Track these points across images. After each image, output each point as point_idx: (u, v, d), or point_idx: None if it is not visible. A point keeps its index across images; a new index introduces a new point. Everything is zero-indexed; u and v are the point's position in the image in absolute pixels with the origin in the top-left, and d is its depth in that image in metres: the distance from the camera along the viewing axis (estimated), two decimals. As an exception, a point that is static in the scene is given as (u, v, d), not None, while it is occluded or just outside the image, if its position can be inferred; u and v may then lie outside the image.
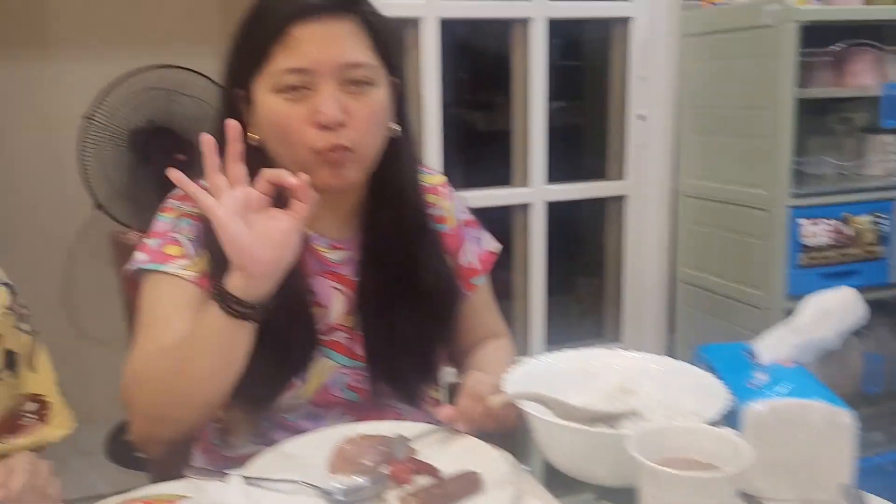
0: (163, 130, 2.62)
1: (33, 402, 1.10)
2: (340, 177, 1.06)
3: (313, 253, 1.15)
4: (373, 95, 1.06)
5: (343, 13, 1.04)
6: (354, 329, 1.15)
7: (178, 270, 1.07)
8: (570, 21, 2.43)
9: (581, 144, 3.13)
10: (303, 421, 1.15)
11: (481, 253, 1.28)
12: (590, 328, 2.86)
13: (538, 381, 1.02)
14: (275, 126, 1.05)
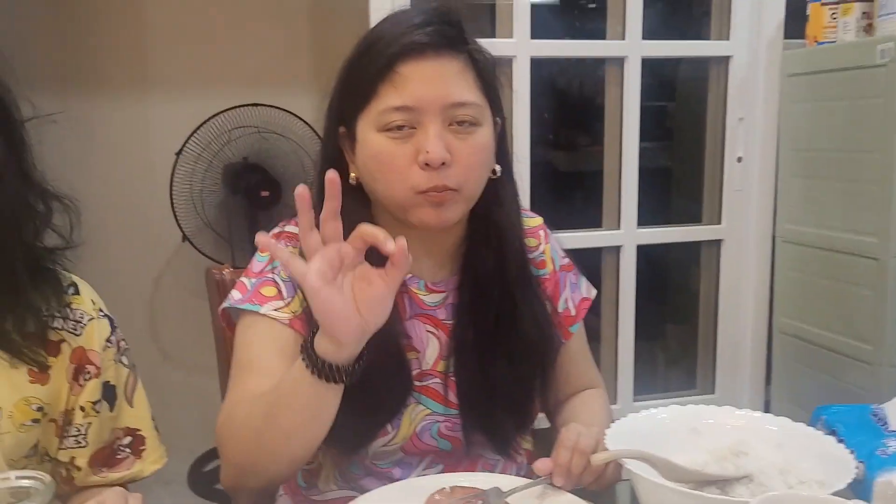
0: (252, 167, 2.68)
1: (129, 435, 1.11)
2: (441, 216, 1.04)
3: (408, 295, 1.12)
4: (478, 136, 1.04)
5: (450, 51, 1.02)
6: (448, 375, 1.12)
7: (273, 312, 1.06)
8: (663, 60, 2.38)
9: (672, 186, 3.05)
10: (393, 468, 1.12)
11: (578, 299, 1.24)
12: (679, 377, 2.75)
13: (641, 437, 0.97)
14: (378, 165, 1.03)
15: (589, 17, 3.92)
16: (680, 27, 2.91)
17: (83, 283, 1.10)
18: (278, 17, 2.89)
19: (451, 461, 1.13)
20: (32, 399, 1.01)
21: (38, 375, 1.01)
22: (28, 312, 1.00)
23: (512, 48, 2.06)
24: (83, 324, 1.06)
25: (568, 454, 0.96)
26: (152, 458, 1.12)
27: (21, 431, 0.99)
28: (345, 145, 1.09)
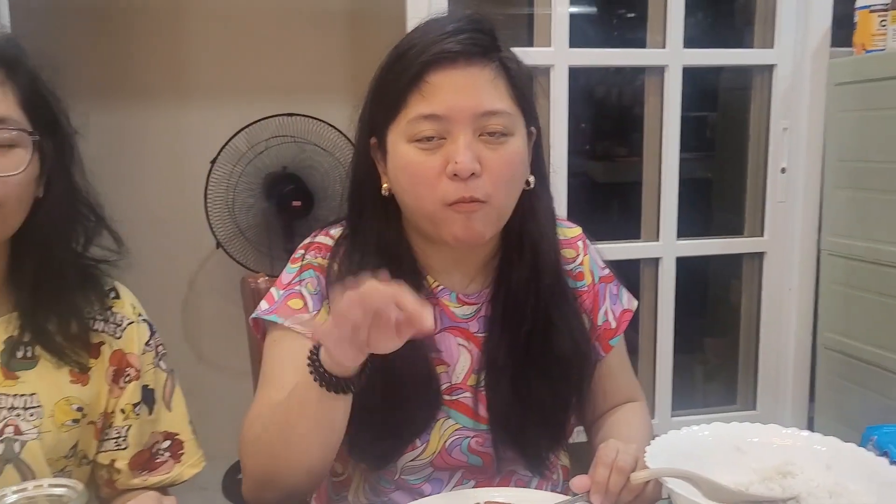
0: (289, 177, 2.69)
1: (168, 439, 1.12)
2: (471, 230, 1.01)
3: (439, 307, 1.10)
4: (509, 146, 1.01)
5: (482, 59, 1.00)
6: (479, 389, 1.09)
7: (297, 326, 1.05)
8: (704, 69, 2.34)
9: (713, 197, 3.00)
10: (423, 484, 1.10)
11: (619, 311, 1.20)
12: (719, 393, 2.70)
13: (682, 455, 0.94)
14: (407, 176, 1.01)
15: (626, 26, 3.89)
16: (721, 35, 2.87)
17: (124, 288, 1.12)
18: (316, 27, 2.91)
19: (482, 477, 1.11)
20: (73, 399, 1.03)
21: (78, 376, 1.04)
22: (72, 315, 1.03)
23: (550, 57, 2.04)
24: (123, 327, 1.08)
25: (606, 471, 0.93)
26: (191, 461, 1.13)
27: (62, 431, 1.02)
28: (376, 156, 1.07)
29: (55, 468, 1.03)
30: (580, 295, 1.16)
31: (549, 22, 2.07)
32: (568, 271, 1.16)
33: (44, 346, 1.02)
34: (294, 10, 2.89)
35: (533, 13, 2.25)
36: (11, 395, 1.00)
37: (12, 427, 0.98)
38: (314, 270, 1.09)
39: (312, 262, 1.10)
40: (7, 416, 0.99)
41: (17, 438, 0.98)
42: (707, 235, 2.40)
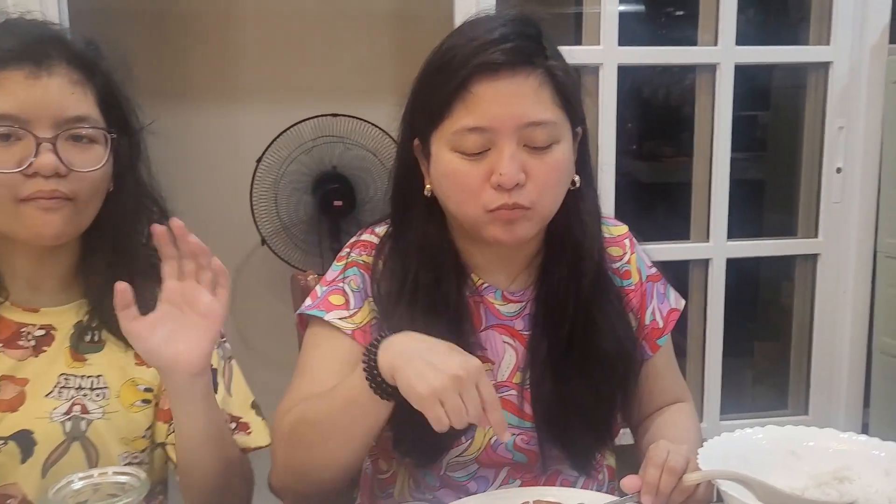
0: (335, 176, 2.72)
1: (233, 421, 1.15)
2: (512, 233, 1.01)
3: (485, 305, 1.11)
4: (555, 153, 1.01)
5: (526, 68, 0.99)
6: (524, 387, 1.09)
7: (337, 321, 1.07)
8: (756, 66, 2.29)
9: (764, 198, 2.94)
10: (469, 481, 1.10)
11: (666, 310, 1.19)
12: (769, 397, 2.64)
13: (735, 457, 0.93)
14: (450, 183, 1.02)
15: (674, 23, 3.84)
16: (775, 32, 2.81)
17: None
18: (362, 28, 2.93)
19: (528, 475, 1.11)
20: (139, 380, 1.08)
21: (142, 359, 1.06)
22: (138, 301, 1.05)
23: (599, 56, 2.02)
24: None
25: (657, 472, 0.92)
26: (259, 435, 1.15)
27: (131, 411, 1.07)
28: (420, 157, 1.08)
29: (133, 448, 1.08)
30: (626, 293, 1.15)
31: (598, 20, 2.04)
32: (614, 269, 1.15)
33: (110, 330, 1.07)
34: (341, 12, 2.92)
35: (580, 11, 2.23)
36: (79, 377, 1.05)
37: (79, 406, 1.04)
38: (358, 268, 1.10)
39: (357, 259, 1.11)
40: (75, 396, 1.04)
41: (83, 417, 1.04)
42: (758, 236, 2.35)
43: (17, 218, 0.98)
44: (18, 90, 0.97)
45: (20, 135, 0.97)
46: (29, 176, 0.97)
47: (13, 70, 0.97)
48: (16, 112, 0.96)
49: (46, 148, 0.97)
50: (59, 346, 1.06)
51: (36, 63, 0.98)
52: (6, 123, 0.96)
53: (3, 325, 1.04)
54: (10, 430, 1.00)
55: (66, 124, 0.99)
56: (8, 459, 1.00)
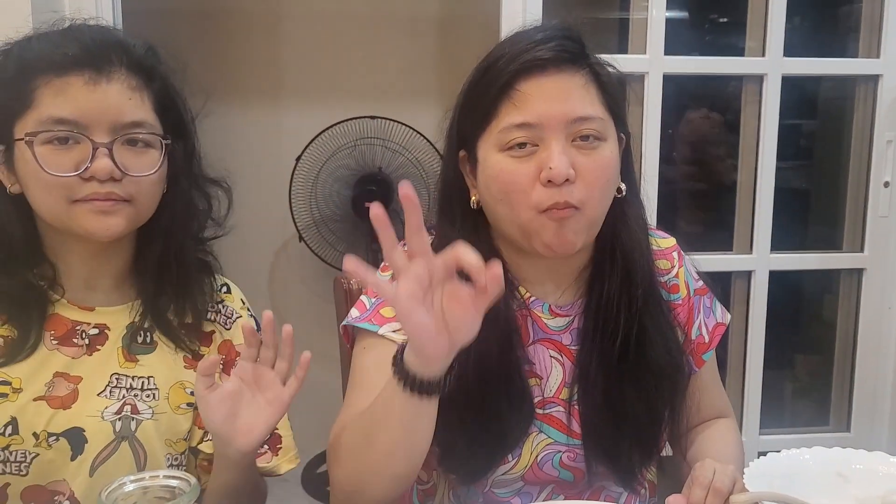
0: (375, 177, 2.74)
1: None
2: (563, 238, 1.00)
3: (532, 318, 1.09)
4: (603, 151, 1.01)
5: (572, 66, 1.00)
6: (572, 403, 1.08)
7: (391, 334, 1.06)
8: (803, 77, 2.25)
9: (809, 210, 2.90)
10: (513, 497, 1.10)
11: (712, 325, 1.18)
12: (809, 411, 2.60)
13: (782, 478, 0.92)
14: (500, 185, 1.01)
15: (719, 31, 3.79)
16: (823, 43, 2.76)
17: (234, 284, 1.20)
18: (407, 32, 2.95)
19: (572, 492, 1.10)
20: (187, 383, 1.10)
21: (191, 362, 1.11)
22: (189, 303, 1.11)
23: (644, 65, 2.01)
24: (233, 319, 1.16)
25: (703, 493, 0.91)
26: (288, 456, 1.18)
27: (177, 413, 1.09)
28: (465, 169, 1.08)
29: (176, 450, 1.10)
30: (674, 308, 1.14)
31: (643, 28, 2.03)
32: (662, 283, 1.13)
33: (162, 332, 1.10)
34: (386, 15, 2.94)
35: (627, 18, 2.22)
36: (130, 377, 1.07)
37: (130, 406, 1.06)
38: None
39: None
40: (126, 396, 1.06)
41: (133, 417, 1.05)
42: (802, 249, 2.31)
43: (71, 218, 1.01)
44: (79, 96, 0.99)
45: (78, 139, 0.99)
46: (85, 179, 0.99)
47: (74, 75, 0.99)
48: (75, 117, 0.99)
49: (103, 153, 0.99)
50: (112, 345, 1.08)
51: (96, 69, 1.00)
52: (65, 128, 0.99)
53: (59, 323, 1.07)
54: (62, 426, 1.03)
55: (123, 129, 1.01)
56: (58, 456, 1.02)
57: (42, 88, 0.99)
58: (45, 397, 1.03)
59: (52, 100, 0.99)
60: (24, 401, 1.02)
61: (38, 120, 0.99)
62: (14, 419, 1.01)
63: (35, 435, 1.02)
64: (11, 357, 1.03)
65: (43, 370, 1.04)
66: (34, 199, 1.02)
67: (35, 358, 1.04)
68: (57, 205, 1.00)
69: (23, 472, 1.02)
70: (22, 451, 1.02)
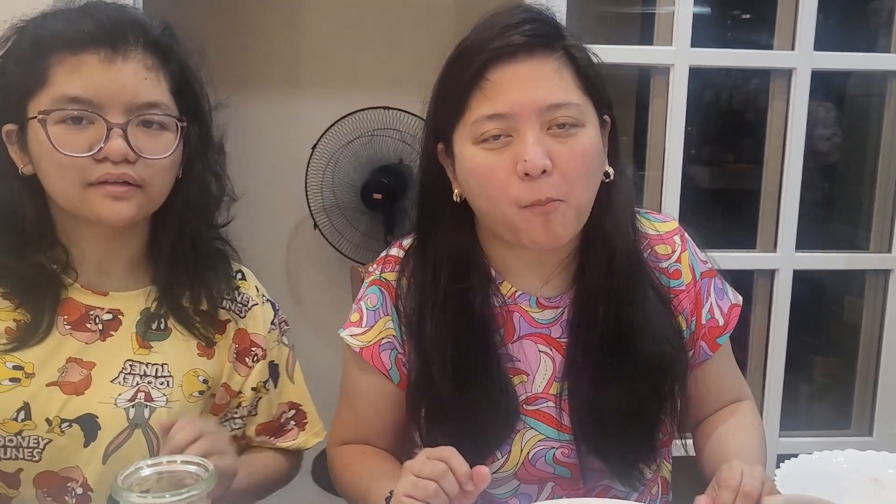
0: (387, 168, 2.72)
1: (292, 409, 1.19)
2: (551, 233, 0.96)
3: (518, 313, 1.06)
4: (581, 137, 0.96)
5: (545, 51, 0.96)
6: (562, 397, 1.05)
7: (349, 337, 1.10)
8: (830, 72, 2.21)
9: (834, 209, 2.85)
10: (510, 497, 1.07)
11: (727, 306, 1.12)
12: (828, 414, 2.57)
13: (815, 481, 0.89)
14: (476, 179, 0.98)
15: (741, 27, 3.75)
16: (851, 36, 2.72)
17: (248, 271, 1.18)
18: (425, 20, 2.93)
19: (574, 490, 1.07)
20: (200, 371, 1.09)
21: (204, 350, 1.10)
22: (203, 289, 1.10)
23: (670, 56, 1.96)
24: (248, 307, 1.14)
25: (731, 496, 0.88)
26: (314, 430, 1.21)
27: (189, 401, 1.07)
28: (445, 162, 1.05)
29: None
30: (676, 295, 1.09)
31: (669, 22, 1.99)
32: (662, 269, 1.09)
33: (176, 318, 1.09)
34: (404, 3, 2.92)
35: (651, 13, 2.18)
36: (144, 364, 1.06)
37: (143, 393, 1.04)
38: (378, 286, 1.10)
39: (379, 277, 1.11)
40: (140, 383, 1.05)
41: (146, 405, 1.04)
42: (825, 248, 2.26)
43: (84, 202, 0.99)
44: (94, 74, 0.97)
45: (92, 118, 0.97)
46: (98, 160, 0.97)
47: (89, 53, 0.97)
48: (89, 96, 0.97)
49: (117, 133, 0.97)
50: (126, 331, 1.07)
51: (112, 47, 0.98)
52: (78, 107, 0.97)
53: (73, 307, 1.05)
54: (75, 413, 1.01)
55: (138, 110, 0.99)
56: (71, 442, 1.01)
57: (56, 66, 0.97)
58: (57, 383, 1.01)
59: (66, 77, 0.97)
60: (37, 386, 1.01)
61: (52, 98, 0.97)
62: (27, 404, 1.00)
63: (48, 421, 1.00)
64: (24, 341, 1.01)
65: (56, 355, 1.02)
66: (47, 180, 1.00)
67: (48, 343, 1.02)
68: (71, 187, 0.98)
69: (35, 457, 1.01)
70: (35, 437, 1.00)
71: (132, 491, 0.71)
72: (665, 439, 1.10)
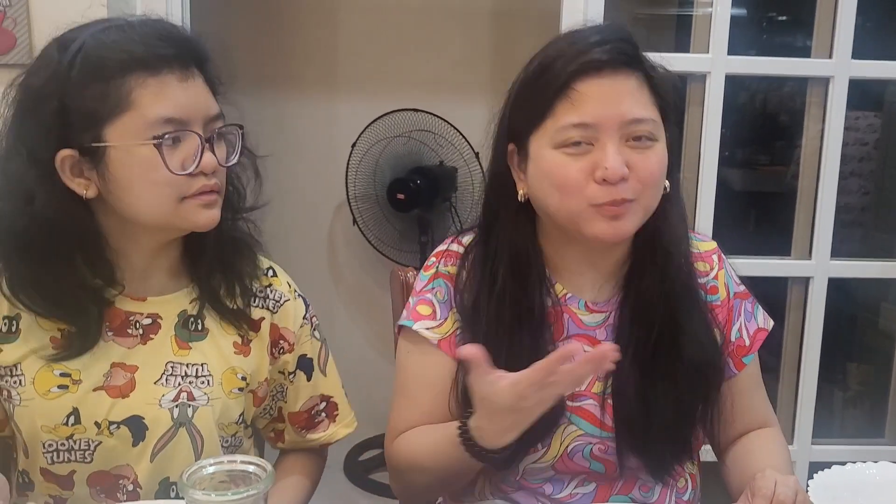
0: (417, 170, 2.76)
1: (324, 401, 1.22)
2: (617, 229, 1.03)
3: (567, 314, 1.12)
4: (656, 150, 1.03)
5: (627, 69, 1.02)
6: (605, 396, 1.10)
7: (424, 330, 1.12)
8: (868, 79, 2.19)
9: (870, 216, 2.83)
10: (544, 484, 1.12)
11: (753, 329, 1.18)
12: (862, 422, 2.55)
13: (849, 491, 0.91)
14: (554, 179, 1.03)
15: (778, 29, 3.72)
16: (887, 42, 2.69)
17: (279, 267, 1.20)
18: (462, 24, 2.95)
19: (604, 481, 1.12)
20: (238, 369, 1.12)
21: (241, 347, 1.13)
22: (235, 289, 1.12)
23: (707, 64, 1.97)
24: (280, 303, 1.16)
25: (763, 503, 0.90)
26: (345, 421, 1.24)
27: (230, 398, 1.11)
28: (513, 162, 1.10)
29: (227, 433, 1.13)
30: (713, 309, 1.15)
31: (706, 25, 1.99)
32: (701, 285, 1.15)
33: (214, 314, 1.12)
34: (442, 7, 2.95)
35: (687, 14, 2.18)
36: (185, 364, 1.09)
37: (186, 393, 1.08)
38: (443, 279, 1.14)
39: (442, 270, 1.15)
40: (181, 384, 1.08)
41: (189, 404, 1.07)
42: (860, 256, 2.25)
43: (178, 214, 1.01)
44: (177, 94, 0.99)
45: (186, 136, 1.00)
46: (194, 175, 1.00)
47: (166, 74, 0.99)
48: (179, 115, 0.99)
49: (207, 147, 1.01)
50: (165, 334, 1.10)
51: (183, 65, 1.01)
52: (174, 127, 0.99)
53: (115, 314, 1.08)
54: (122, 415, 1.05)
55: (211, 123, 1.03)
56: (120, 443, 1.05)
57: (139, 89, 0.97)
58: (103, 387, 1.05)
59: (153, 99, 0.98)
60: (84, 391, 1.05)
61: (145, 122, 0.97)
62: (76, 409, 1.04)
63: (97, 424, 1.04)
64: (72, 352, 1.04)
65: (100, 361, 1.06)
66: (139, 200, 1.00)
67: (93, 350, 1.06)
68: (167, 202, 1.00)
69: (87, 459, 1.05)
70: (85, 440, 1.05)
71: (196, 488, 0.75)
72: (694, 442, 1.15)
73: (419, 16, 2.96)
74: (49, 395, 1.04)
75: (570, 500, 1.12)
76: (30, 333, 1.06)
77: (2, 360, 1.05)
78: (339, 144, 2.88)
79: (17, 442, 1.09)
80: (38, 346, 1.05)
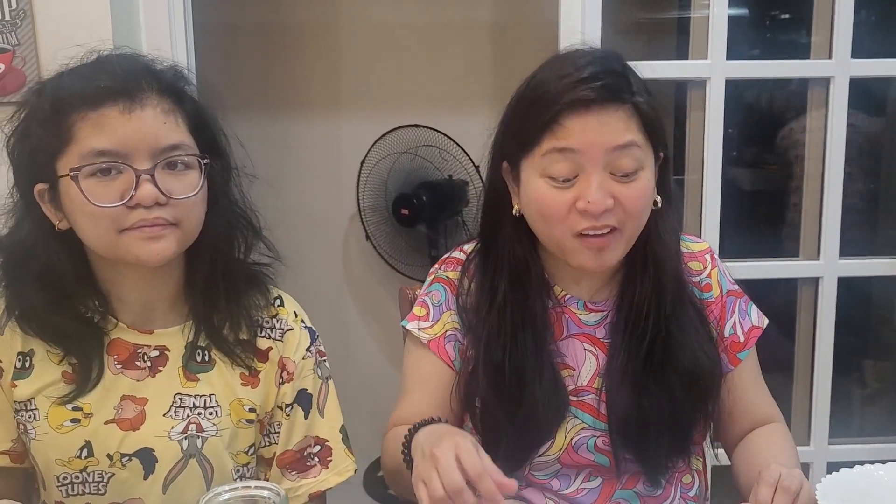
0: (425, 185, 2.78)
1: (318, 444, 1.18)
2: (600, 261, 1.07)
3: (567, 314, 1.16)
4: (641, 180, 1.06)
5: (615, 103, 1.04)
6: (603, 391, 1.14)
7: (416, 330, 1.18)
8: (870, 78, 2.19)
9: (878, 214, 2.82)
10: (551, 479, 1.16)
11: (748, 327, 1.21)
12: (879, 420, 2.54)
13: (858, 493, 0.92)
14: (538, 208, 1.07)
15: (780, 28, 3.72)
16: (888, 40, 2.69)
17: (288, 296, 1.21)
18: (462, 39, 2.98)
19: (609, 475, 1.15)
20: (245, 400, 1.12)
21: (248, 379, 1.13)
22: (242, 321, 1.13)
23: (706, 70, 1.98)
24: (284, 332, 1.16)
25: (769, 491, 0.93)
26: (338, 469, 1.18)
27: (239, 428, 1.11)
28: (508, 178, 1.13)
29: (239, 462, 1.13)
30: (707, 305, 1.19)
31: (704, 29, 1.99)
32: (695, 283, 1.19)
33: (218, 349, 1.12)
34: (442, 23, 2.97)
35: (685, 18, 2.18)
36: (193, 396, 1.10)
37: (195, 425, 1.09)
38: (441, 283, 1.20)
39: (441, 275, 1.21)
40: (190, 415, 1.09)
41: (199, 435, 1.08)
42: (870, 254, 2.24)
43: (121, 247, 1.01)
44: (116, 126, 0.99)
45: (120, 168, 0.99)
46: (131, 208, 1.00)
47: (108, 107, 0.99)
48: (115, 148, 0.99)
49: (145, 179, 0.99)
50: (173, 366, 1.11)
51: (129, 97, 1.00)
52: (106, 160, 0.99)
53: (121, 347, 1.09)
54: (133, 447, 1.07)
55: (162, 154, 1.01)
56: (132, 475, 1.07)
57: (79, 123, 0.99)
58: (115, 420, 1.07)
59: (90, 132, 0.99)
60: (96, 425, 1.06)
61: (80, 154, 0.99)
62: (88, 443, 1.06)
63: (109, 456, 1.06)
64: (81, 389, 1.06)
65: (110, 394, 1.08)
66: (83, 232, 1.03)
67: (102, 383, 1.07)
68: (106, 235, 1.01)
69: (101, 490, 1.07)
70: (99, 472, 1.06)
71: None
72: (696, 437, 1.18)
73: (420, 32, 2.98)
74: (62, 428, 1.06)
75: (578, 495, 1.15)
76: (43, 369, 1.08)
77: (17, 395, 1.07)
78: (346, 162, 2.91)
79: (37, 474, 1.11)
80: (51, 380, 1.07)
